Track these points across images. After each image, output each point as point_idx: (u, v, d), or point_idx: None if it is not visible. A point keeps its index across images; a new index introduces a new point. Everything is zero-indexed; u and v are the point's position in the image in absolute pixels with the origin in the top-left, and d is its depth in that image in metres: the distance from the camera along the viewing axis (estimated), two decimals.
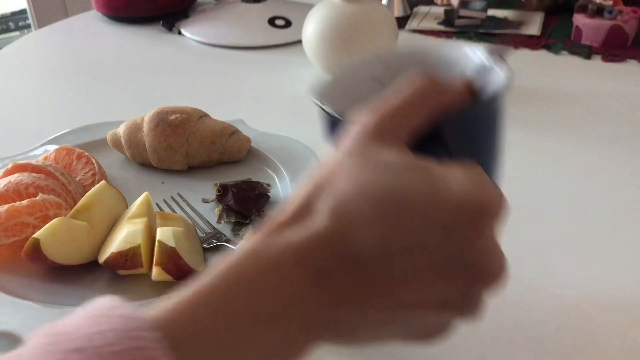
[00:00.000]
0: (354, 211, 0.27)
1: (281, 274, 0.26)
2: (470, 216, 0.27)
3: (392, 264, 0.27)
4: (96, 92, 0.86)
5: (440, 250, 0.27)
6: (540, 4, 1.08)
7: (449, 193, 0.27)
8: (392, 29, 0.81)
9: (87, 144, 0.66)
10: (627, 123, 0.74)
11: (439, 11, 1.09)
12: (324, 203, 0.28)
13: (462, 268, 0.27)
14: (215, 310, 0.25)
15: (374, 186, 0.27)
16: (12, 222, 0.50)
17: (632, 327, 0.45)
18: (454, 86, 0.32)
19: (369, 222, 0.27)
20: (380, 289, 0.27)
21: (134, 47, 1.01)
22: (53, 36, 1.09)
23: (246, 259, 0.26)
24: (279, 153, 0.64)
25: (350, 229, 0.27)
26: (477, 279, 0.28)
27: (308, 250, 0.26)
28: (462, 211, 0.27)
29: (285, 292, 0.26)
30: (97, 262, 0.49)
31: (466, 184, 0.28)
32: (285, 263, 0.26)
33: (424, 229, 0.27)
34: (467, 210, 0.27)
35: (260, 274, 0.26)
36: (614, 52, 0.91)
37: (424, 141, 0.32)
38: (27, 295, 0.47)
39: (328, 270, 0.26)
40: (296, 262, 0.26)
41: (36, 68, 0.96)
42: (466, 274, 0.27)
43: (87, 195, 0.53)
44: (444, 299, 0.28)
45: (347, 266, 0.27)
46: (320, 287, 0.26)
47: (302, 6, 1.03)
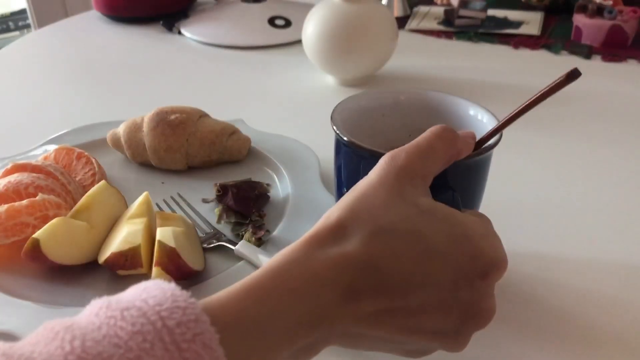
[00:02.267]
0: (387, 243, 0.31)
1: (319, 286, 0.29)
2: (484, 268, 0.33)
3: (410, 295, 0.31)
4: (96, 92, 0.86)
5: (451, 292, 0.32)
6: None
7: (470, 244, 0.32)
8: (392, 29, 0.81)
9: (87, 144, 0.66)
10: (627, 123, 0.74)
11: (438, 11, 1.09)
12: (360, 229, 0.31)
13: (464, 308, 0.32)
14: (260, 306, 0.28)
15: (407, 224, 0.32)
16: (12, 222, 0.50)
17: (632, 327, 0.45)
18: (466, 138, 0.38)
19: (399, 255, 0.31)
20: (396, 314, 0.31)
21: (134, 47, 1.01)
22: (53, 36, 1.09)
23: (290, 266, 0.30)
24: (279, 153, 0.64)
25: (382, 259, 0.30)
26: (472, 318, 0.33)
27: (344, 269, 0.30)
28: (477, 262, 0.32)
29: (319, 302, 0.29)
30: (97, 262, 0.49)
31: (483, 239, 0.33)
32: (324, 277, 0.30)
33: (444, 271, 0.31)
34: (482, 263, 0.33)
35: (302, 283, 0.29)
36: (614, 52, 0.91)
37: (436, 181, 0.38)
38: (27, 295, 0.47)
39: (358, 290, 0.30)
40: (332, 278, 0.30)
41: (36, 68, 0.96)
42: (465, 313, 0.32)
43: (87, 195, 0.53)
44: (439, 330, 0.32)
45: (373, 289, 0.30)
46: (348, 303, 0.30)
47: (302, 6, 1.03)
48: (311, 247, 0.31)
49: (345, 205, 0.32)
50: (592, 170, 0.64)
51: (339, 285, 0.30)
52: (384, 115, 0.49)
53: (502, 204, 0.58)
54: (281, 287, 0.29)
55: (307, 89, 0.84)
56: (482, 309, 0.33)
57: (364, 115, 0.48)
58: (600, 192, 0.61)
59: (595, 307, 0.46)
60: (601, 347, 0.43)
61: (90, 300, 0.27)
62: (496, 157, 0.45)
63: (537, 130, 0.71)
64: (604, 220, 0.56)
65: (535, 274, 0.50)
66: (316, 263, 0.30)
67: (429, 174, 0.35)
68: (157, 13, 1.08)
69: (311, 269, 0.30)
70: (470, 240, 0.33)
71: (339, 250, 0.30)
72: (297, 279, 0.29)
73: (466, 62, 0.92)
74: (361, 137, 0.43)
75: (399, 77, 0.86)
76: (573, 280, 0.49)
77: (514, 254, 0.52)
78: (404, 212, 0.32)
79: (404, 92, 0.50)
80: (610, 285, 0.49)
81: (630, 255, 0.52)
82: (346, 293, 0.30)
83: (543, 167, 0.65)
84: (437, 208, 0.33)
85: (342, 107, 0.46)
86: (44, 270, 0.49)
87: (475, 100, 0.47)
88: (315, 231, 0.32)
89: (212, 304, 0.28)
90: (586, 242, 0.54)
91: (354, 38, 0.78)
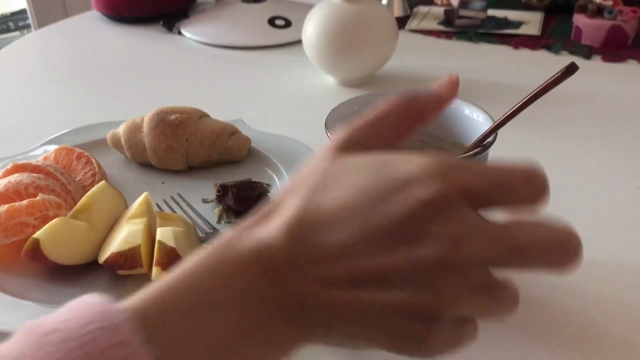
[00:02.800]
0: (315, 210, 0.28)
1: (242, 266, 0.28)
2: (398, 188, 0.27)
3: (350, 251, 0.27)
4: (96, 92, 0.86)
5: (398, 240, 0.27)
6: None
7: (391, 173, 0.28)
8: (392, 29, 0.81)
9: (87, 144, 0.66)
10: (627, 123, 0.74)
11: (439, 11, 1.09)
12: (289, 204, 0.29)
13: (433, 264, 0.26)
14: (181, 292, 0.27)
15: (325, 178, 0.29)
16: (12, 222, 0.50)
17: (632, 327, 0.45)
18: (426, 96, 0.34)
19: (331, 220, 0.28)
20: (348, 273, 0.27)
21: (134, 47, 1.01)
22: (53, 36, 1.09)
23: (217, 251, 0.29)
24: (279, 153, 0.64)
25: (308, 229, 0.28)
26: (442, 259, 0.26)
27: (266, 249, 0.28)
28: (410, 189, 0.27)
29: (243, 282, 0.28)
30: (97, 262, 0.49)
31: (412, 164, 0.28)
32: (248, 257, 0.28)
33: (371, 210, 0.27)
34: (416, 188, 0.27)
35: (227, 265, 0.28)
36: (614, 52, 0.91)
37: None
38: (27, 295, 0.47)
39: (279, 269, 0.28)
40: (255, 259, 0.28)
41: (36, 68, 0.96)
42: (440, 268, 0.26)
43: (87, 195, 0.53)
44: (403, 299, 0.27)
45: (298, 264, 0.28)
46: (273, 283, 0.28)
47: (302, 6, 1.03)
48: (243, 230, 0.29)
49: (285, 187, 0.31)
50: (592, 170, 0.64)
51: (263, 264, 0.28)
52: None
53: None
54: (206, 272, 0.28)
55: (307, 89, 0.84)
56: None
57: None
58: (600, 192, 0.60)
59: (596, 307, 0.46)
60: (602, 347, 0.43)
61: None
62: (496, 157, 0.45)
63: (537, 130, 0.71)
64: (603, 220, 0.56)
65: (534, 273, 0.50)
66: (242, 245, 0.28)
67: (371, 141, 0.32)
68: (157, 13, 1.08)
69: (237, 252, 0.28)
70: (390, 166, 0.28)
71: (266, 229, 0.28)
72: (220, 263, 0.28)
73: (466, 62, 0.92)
74: None
75: (399, 77, 0.86)
76: (573, 280, 0.49)
77: None
78: (325, 169, 0.30)
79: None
80: (610, 285, 0.49)
81: (630, 255, 0.52)
82: (270, 272, 0.28)
83: (542, 166, 0.65)
84: (367, 159, 0.30)
85: (336, 113, 0.46)
86: (44, 270, 0.49)
87: (475, 100, 0.47)
88: (251, 216, 0.30)
89: (134, 303, 0.26)
90: (586, 242, 0.54)
91: (354, 38, 0.78)
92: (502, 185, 0.29)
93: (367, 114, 0.33)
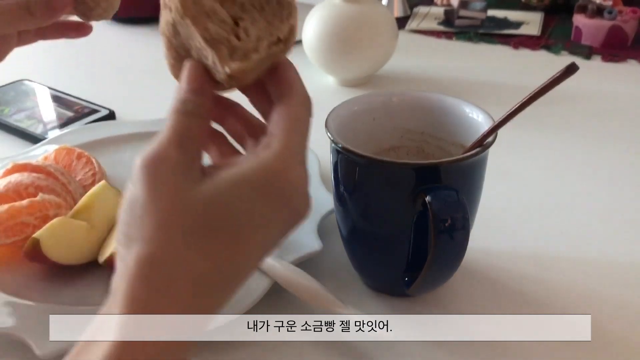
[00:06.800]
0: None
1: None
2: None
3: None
4: (96, 92, 0.86)
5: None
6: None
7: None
8: (392, 29, 0.81)
9: (87, 144, 0.66)
10: (627, 123, 0.74)
11: (439, 11, 1.09)
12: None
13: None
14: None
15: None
16: (12, 222, 0.50)
17: (633, 327, 0.45)
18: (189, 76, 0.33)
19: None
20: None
21: (134, 47, 1.01)
22: None
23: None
24: None
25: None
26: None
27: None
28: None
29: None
30: (97, 262, 0.49)
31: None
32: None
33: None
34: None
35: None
36: (614, 52, 0.91)
37: (433, 182, 0.40)
38: (27, 295, 0.46)
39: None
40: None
41: (36, 68, 0.96)
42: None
43: (87, 195, 0.53)
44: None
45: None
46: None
47: (302, 6, 1.03)
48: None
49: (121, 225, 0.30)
50: (592, 170, 0.64)
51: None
52: (375, 118, 0.49)
53: (501, 204, 0.58)
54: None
55: (307, 89, 0.84)
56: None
57: (357, 120, 0.48)
58: (600, 192, 0.61)
59: (596, 307, 0.46)
60: (602, 347, 0.43)
61: (90, 300, 0.27)
62: (496, 157, 0.46)
63: (537, 130, 0.71)
64: (604, 220, 0.56)
65: (534, 274, 0.50)
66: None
67: (189, 157, 0.30)
68: (157, 13, 1.07)
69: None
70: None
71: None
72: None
73: (466, 63, 0.92)
74: (355, 141, 0.43)
75: (399, 77, 0.86)
76: (573, 280, 0.49)
77: (513, 254, 0.52)
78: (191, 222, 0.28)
79: (395, 93, 0.50)
80: (610, 285, 0.49)
81: (630, 255, 0.52)
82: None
83: (543, 167, 0.65)
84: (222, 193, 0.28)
85: (336, 113, 0.46)
86: (44, 270, 0.49)
87: (475, 100, 0.47)
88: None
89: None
90: (586, 242, 0.54)
91: (354, 38, 0.78)
92: None
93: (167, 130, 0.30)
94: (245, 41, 0.31)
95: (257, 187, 0.29)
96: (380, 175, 0.42)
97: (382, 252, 0.46)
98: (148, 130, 0.68)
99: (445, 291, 0.47)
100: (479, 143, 0.41)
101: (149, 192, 0.28)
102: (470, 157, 0.40)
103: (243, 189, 0.28)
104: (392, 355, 0.43)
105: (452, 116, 0.48)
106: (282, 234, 0.30)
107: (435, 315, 0.46)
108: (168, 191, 0.28)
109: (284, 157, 0.30)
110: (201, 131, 0.31)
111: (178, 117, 0.30)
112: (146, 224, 0.27)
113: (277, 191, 0.29)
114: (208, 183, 0.29)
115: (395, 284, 0.45)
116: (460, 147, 0.47)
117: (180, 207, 0.27)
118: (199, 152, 0.30)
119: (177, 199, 0.28)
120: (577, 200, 0.59)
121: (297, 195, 0.30)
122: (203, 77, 0.32)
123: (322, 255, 0.49)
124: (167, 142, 0.29)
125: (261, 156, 0.30)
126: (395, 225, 0.43)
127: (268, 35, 0.32)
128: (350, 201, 0.45)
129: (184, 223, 0.27)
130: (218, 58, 0.31)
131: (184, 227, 0.27)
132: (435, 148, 0.50)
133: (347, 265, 0.49)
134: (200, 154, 0.31)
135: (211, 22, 0.31)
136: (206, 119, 0.32)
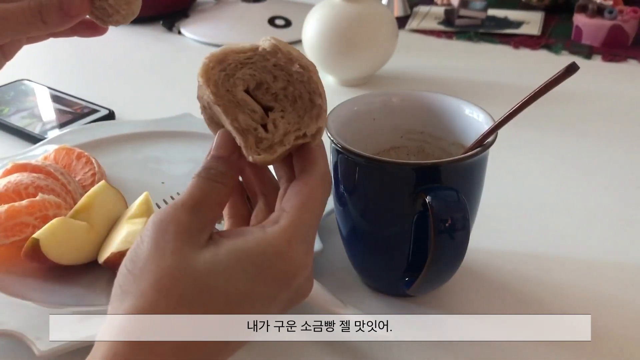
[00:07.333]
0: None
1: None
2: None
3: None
4: (95, 91, 0.86)
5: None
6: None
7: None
8: (392, 28, 0.81)
9: (87, 144, 0.66)
10: (627, 123, 0.74)
11: (439, 11, 1.09)
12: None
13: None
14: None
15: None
16: (12, 222, 0.49)
17: (633, 327, 0.45)
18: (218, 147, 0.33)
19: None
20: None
21: (134, 47, 1.01)
22: None
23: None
24: None
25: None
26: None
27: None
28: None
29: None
30: (97, 262, 0.49)
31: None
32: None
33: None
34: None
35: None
36: (614, 52, 0.91)
37: (433, 182, 0.40)
38: (27, 295, 0.46)
39: None
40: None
41: (36, 68, 0.96)
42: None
43: (87, 195, 0.53)
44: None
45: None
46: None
47: (302, 6, 1.03)
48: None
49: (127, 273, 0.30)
50: (592, 170, 0.64)
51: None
52: (375, 118, 0.49)
53: (501, 204, 0.58)
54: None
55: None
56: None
57: (357, 120, 0.48)
58: (600, 192, 0.60)
59: (596, 307, 0.46)
60: (602, 347, 0.43)
61: (90, 300, 0.27)
62: (496, 157, 0.45)
63: (537, 130, 0.71)
64: (604, 220, 0.56)
65: (534, 274, 0.50)
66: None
67: (205, 223, 0.31)
68: (157, 13, 1.08)
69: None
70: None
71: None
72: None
73: (466, 62, 0.92)
74: (355, 141, 0.43)
75: (399, 77, 0.86)
76: (573, 280, 0.49)
77: (513, 254, 0.52)
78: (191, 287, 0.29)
79: (395, 93, 0.50)
80: (610, 285, 0.49)
81: (630, 255, 0.52)
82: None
83: (543, 167, 0.65)
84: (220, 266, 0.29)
85: (336, 113, 0.46)
86: (44, 270, 0.49)
87: (475, 100, 0.47)
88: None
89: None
90: (586, 242, 0.54)
91: (354, 38, 0.78)
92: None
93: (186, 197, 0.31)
94: (272, 133, 0.32)
95: (258, 263, 0.29)
96: (380, 175, 0.42)
97: (382, 252, 0.45)
98: (148, 130, 0.68)
99: (445, 291, 0.47)
100: (479, 143, 0.41)
101: (152, 249, 0.29)
102: (471, 157, 0.40)
103: (244, 263, 0.29)
104: (392, 355, 0.43)
105: (452, 116, 0.48)
106: (280, 312, 0.31)
107: (435, 315, 0.46)
108: (171, 253, 0.29)
109: (290, 236, 0.30)
110: (220, 198, 0.32)
111: (199, 182, 0.32)
112: (144, 280, 0.28)
113: (279, 273, 0.30)
114: (211, 250, 0.29)
115: (395, 284, 0.45)
116: (461, 147, 0.47)
117: (178, 271, 0.28)
118: (212, 219, 0.31)
119: (177, 262, 0.28)
120: (577, 200, 0.59)
121: (299, 277, 0.30)
122: (231, 147, 0.33)
123: (322, 255, 0.49)
124: (180, 206, 0.30)
125: (267, 231, 0.30)
126: (395, 225, 0.43)
127: (296, 129, 0.32)
128: (350, 201, 0.45)
129: (179, 286, 0.28)
130: (244, 146, 0.32)
131: (178, 290, 0.28)
132: (436, 148, 0.49)
133: (347, 265, 0.49)
134: (214, 220, 0.31)
135: (241, 113, 0.32)
136: (228, 187, 0.33)
